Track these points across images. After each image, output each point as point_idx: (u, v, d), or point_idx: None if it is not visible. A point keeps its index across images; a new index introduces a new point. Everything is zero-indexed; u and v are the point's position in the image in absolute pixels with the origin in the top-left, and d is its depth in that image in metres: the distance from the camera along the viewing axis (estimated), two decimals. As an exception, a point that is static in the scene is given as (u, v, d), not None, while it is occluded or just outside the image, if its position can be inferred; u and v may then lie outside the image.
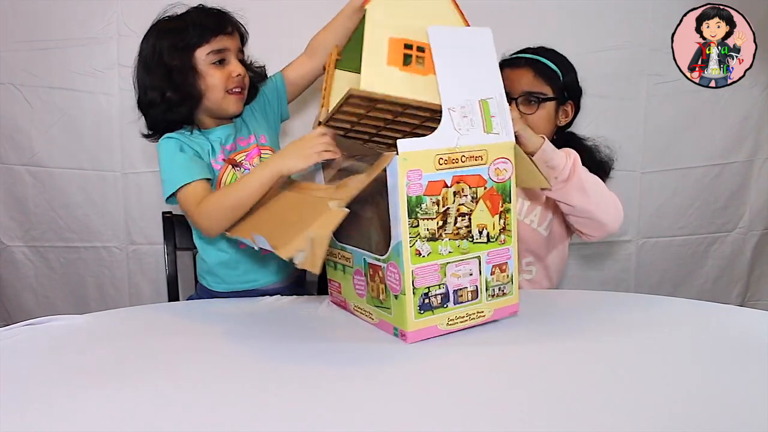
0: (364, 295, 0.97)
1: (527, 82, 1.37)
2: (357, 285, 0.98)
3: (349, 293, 1.02)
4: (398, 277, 0.87)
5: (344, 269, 1.01)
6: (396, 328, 0.90)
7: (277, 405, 0.70)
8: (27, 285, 1.75)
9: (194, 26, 1.16)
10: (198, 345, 0.89)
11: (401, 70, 0.88)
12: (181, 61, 1.15)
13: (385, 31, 0.89)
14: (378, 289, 0.93)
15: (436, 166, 0.86)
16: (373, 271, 0.93)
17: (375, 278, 0.93)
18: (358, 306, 1.00)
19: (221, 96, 1.18)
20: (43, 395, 0.71)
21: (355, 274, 0.98)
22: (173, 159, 1.16)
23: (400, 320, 0.89)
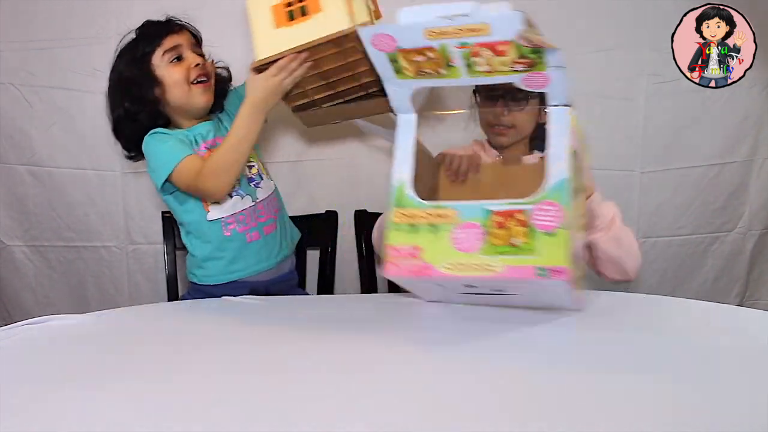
0: (477, 248, 0.91)
1: None
2: (461, 240, 0.92)
3: (437, 254, 0.93)
4: (557, 214, 0.87)
5: (435, 229, 0.94)
6: (543, 269, 0.87)
7: (277, 405, 0.70)
8: (27, 284, 1.75)
9: (143, 36, 1.25)
10: (198, 345, 0.89)
11: (288, 27, 0.98)
12: (138, 71, 1.22)
13: (265, 2, 1.00)
14: (509, 235, 0.89)
15: None
16: (504, 217, 0.89)
17: (507, 225, 0.89)
18: (460, 263, 0.92)
19: (186, 90, 1.23)
20: (42, 395, 0.71)
21: (459, 228, 0.92)
22: (159, 148, 1.22)
23: (555, 258, 0.86)
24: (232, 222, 1.28)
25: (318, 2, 0.97)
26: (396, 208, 0.97)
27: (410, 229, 0.96)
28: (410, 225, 0.96)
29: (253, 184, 1.32)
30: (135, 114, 1.24)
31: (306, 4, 0.98)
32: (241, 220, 1.29)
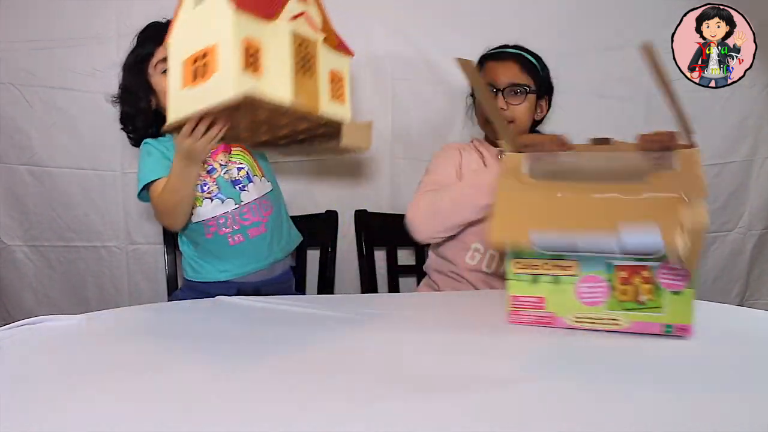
0: (602, 303, 0.91)
1: (513, 74, 1.42)
2: (585, 293, 0.92)
3: (562, 306, 0.94)
4: (683, 273, 0.87)
5: (556, 280, 0.93)
6: (670, 326, 0.90)
7: (277, 405, 0.70)
8: (27, 284, 1.75)
9: (140, 43, 1.30)
10: (198, 344, 0.89)
11: (193, 87, 0.87)
12: (134, 78, 1.30)
13: (179, 56, 0.90)
14: (636, 292, 0.90)
15: None
16: (629, 272, 0.89)
17: (632, 281, 0.89)
18: (587, 317, 0.93)
19: None
20: (40, 395, 0.71)
21: (583, 282, 0.92)
22: (141, 162, 1.31)
23: (681, 316, 0.89)
24: (213, 225, 1.30)
25: (215, 60, 0.84)
26: (514, 258, 0.95)
27: (532, 279, 0.95)
28: (532, 276, 0.95)
29: (238, 187, 1.33)
30: (132, 118, 1.32)
31: (206, 62, 0.85)
32: (221, 223, 1.30)
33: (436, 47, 1.72)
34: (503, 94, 1.40)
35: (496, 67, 1.43)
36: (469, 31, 1.61)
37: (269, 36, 0.86)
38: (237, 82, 0.81)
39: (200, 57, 0.86)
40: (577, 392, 0.71)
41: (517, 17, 1.69)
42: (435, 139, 1.73)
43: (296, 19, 0.88)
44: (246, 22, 0.83)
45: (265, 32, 0.85)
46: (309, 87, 0.90)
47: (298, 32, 0.88)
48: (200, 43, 0.86)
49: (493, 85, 1.41)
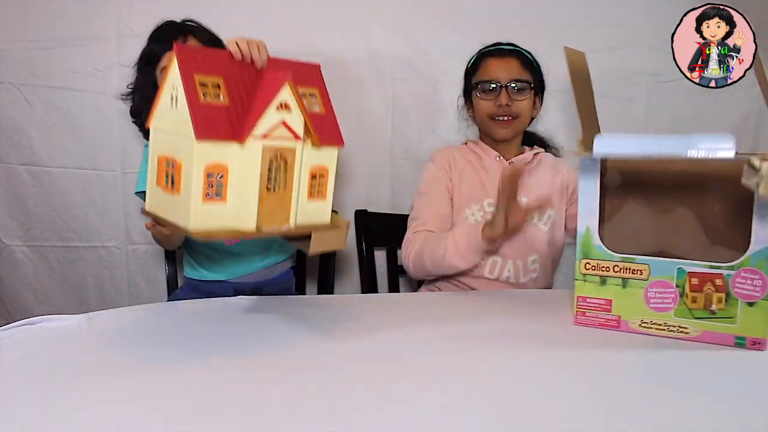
0: (671, 308, 0.90)
1: (515, 70, 1.42)
2: (653, 298, 0.91)
3: (629, 309, 0.93)
4: (760, 284, 0.84)
5: (624, 283, 0.93)
6: (742, 338, 0.87)
7: (277, 404, 0.70)
8: (27, 284, 1.75)
9: (151, 45, 1.32)
10: (197, 345, 0.89)
11: (163, 190, 0.87)
12: (145, 76, 1.32)
13: (156, 146, 0.89)
14: (707, 300, 0.88)
15: None
16: (701, 280, 0.88)
17: (703, 288, 0.88)
18: (653, 322, 0.92)
19: None
20: (39, 394, 0.71)
21: (652, 286, 0.91)
22: (142, 166, 1.34)
23: (756, 329, 0.86)
24: None
25: (180, 178, 0.83)
26: (584, 258, 0.94)
27: (600, 281, 0.95)
28: (600, 277, 0.95)
29: None
30: (140, 114, 1.35)
31: (174, 173, 0.84)
32: None
33: (436, 47, 1.72)
34: (507, 89, 1.40)
35: (498, 63, 1.42)
36: (469, 32, 1.61)
37: (237, 157, 0.84)
38: (195, 217, 0.81)
39: (171, 162, 0.85)
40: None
41: (517, 17, 1.69)
42: (435, 139, 1.73)
43: (271, 134, 0.85)
44: (210, 148, 0.81)
45: (232, 153, 0.83)
46: (279, 202, 0.88)
47: (271, 146, 0.85)
48: (171, 147, 0.85)
49: (495, 81, 1.40)
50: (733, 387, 0.75)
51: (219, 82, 0.85)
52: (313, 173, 0.94)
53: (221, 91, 0.85)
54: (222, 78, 0.86)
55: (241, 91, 0.87)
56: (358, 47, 1.70)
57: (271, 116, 0.85)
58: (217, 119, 0.82)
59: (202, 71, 0.84)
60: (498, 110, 1.41)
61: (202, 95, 0.82)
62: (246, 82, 0.89)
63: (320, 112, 0.96)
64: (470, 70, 1.49)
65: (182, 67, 0.82)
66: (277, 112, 0.85)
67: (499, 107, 1.40)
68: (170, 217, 0.86)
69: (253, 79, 0.90)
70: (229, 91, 0.86)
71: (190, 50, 0.87)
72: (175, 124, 0.84)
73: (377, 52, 1.71)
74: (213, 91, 0.84)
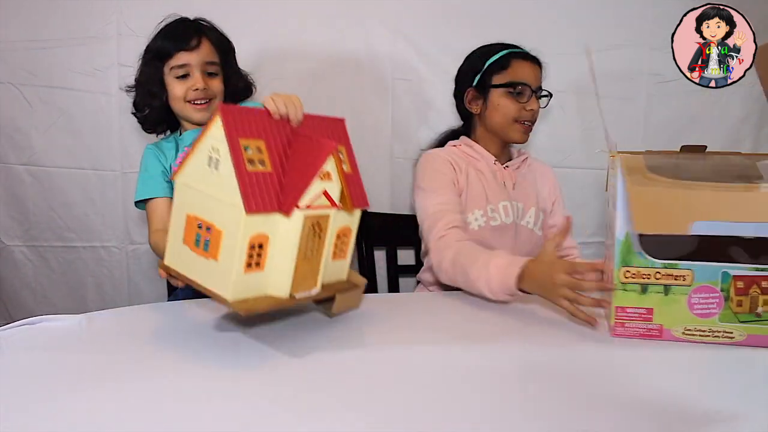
0: (716, 314, 0.88)
1: (540, 77, 1.42)
2: (697, 304, 0.89)
3: (672, 317, 0.90)
4: None
5: (666, 290, 0.90)
6: None
7: (278, 404, 0.70)
8: (26, 284, 1.75)
9: (162, 40, 1.29)
10: (198, 345, 0.89)
11: (192, 251, 0.85)
12: (152, 71, 1.29)
13: (187, 204, 0.87)
14: (752, 303, 0.86)
15: None
16: (746, 283, 0.86)
17: (749, 291, 0.86)
18: (698, 329, 0.89)
19: (183, 106, 1.30)
20: (39, 394, 0.71)
21: (696, 292, 0.89)
22: (141, 174, 1.32)
23: None
24: None
25: (219, 246, 0.81)
26: (623, 267, 0.90)
27: (641, 289, 0.91)
28: (641, 285, 0.91)
29: None
30: (142, 109, 1.33)
31: (211, 238, 0.82)
32: None
33: (436, 47, 1.72)
34: (536, 94, 1.40)
35: (529, 68, 1.41)
36: (469, 32, 1.61)
37: (279, 228, 0.83)
38: (235, 288, 0.81)
39: (205, 226, 0.83)
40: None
41: (517, 17, 1.69)
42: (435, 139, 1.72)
43: (313, 203, 0.85)
44: (258, 220, 0.81)
45: (275, 225, 0.83)
46: (311, 267, 0.88)
47: (312, 215, 0.85)
48: (207, 211, 0.83)
49: (528, 85, 1.39)
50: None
51: (261, 146, 0.84)
52: (338, 234, 0.95)
53: (264, 156, 0.83)
54: (263, 141, 0.85)
55: (280, 152, 0.86)
56: (358, 47, 1.70)
57: (315, 187, 0.84)
58: (264, 190, 0.81)
59: (246, 134, 0.83)
60: (525, 114, 1.39)
61: (248, 163, 0.81)
62: (283, 141, 0.88)
63: (348, 172, 0.96)
64: (494, 67, 1.42)
65: (229, 132, 0.80)
66: (319, 182, 0.85)
67: (528, 112, 1.39)
68: (201, 280, 0.84)
69: (288, 138, 0.89)
70: (270, 155, 0.84)
71: (234, 111, 0.83)
72: (214, 189, 0.82)
73: (377, 52, 1.71)
74: (257, 157, 0.82)
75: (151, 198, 1.28)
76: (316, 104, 1.74)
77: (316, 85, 1.70)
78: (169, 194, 1.28)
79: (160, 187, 1.29)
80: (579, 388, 0.74)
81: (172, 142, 1.35)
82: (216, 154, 0.81)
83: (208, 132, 0.83)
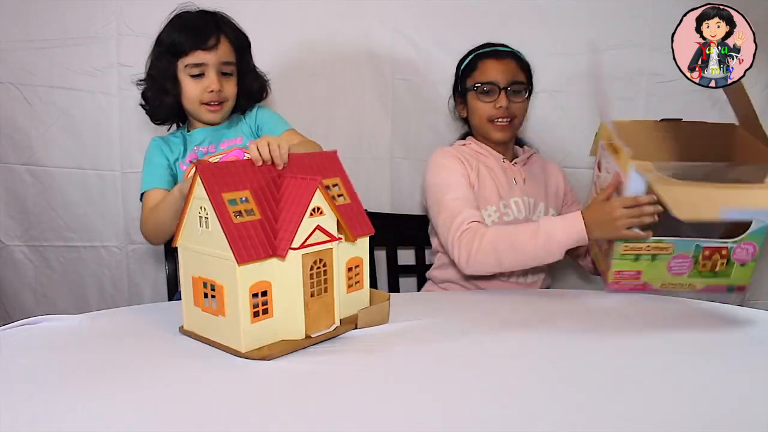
0: (686, 273, 1.17)
1: (514, 72, 1.42)
2: (674, 266, 1.17)
3: (655, 276, 1.18)
4: (753, 251, 1.15)
5: (653, 258, 1.16)
6: (732, 287, 1.19)
7: (278, 404, 0.70)
8: (26, 284, 1.75)
9: (179, 34, 1.25)
10: (198, 345, 0.89)
11: (203, 311, 0.88)
12: (166, 66, 1.25)
13: (191, 267, 0.89)
14: (712, 264, 1.16)
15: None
16: (711, 252, 1.15)
17: (712, 257, 1.15)
18: (671, 283, 1.19)
19: (197, 107, 1.28)
20: (39, 395, 0.71)
21: (675, 258, 1.16)
22: (145, 167, 1.30)
23: (742, 279, 1.18)
24: None
25: (223, 301, 0.84)
26: (623, 243, 1.15)
27: (634, 258, 1.17)
28: (635, 255, 1.16)
29: None
30: (154, 103, 1.30)
31: (216, 295, 0.85)
32: None
33: (436, 47, 1.71)
34: (506, 92, 1.40)
35: (497, 65, 1.42)
36: (469, 31, 1.61)
37: (278, 270, 0.85)
38: (245, 339, 0.83)
39: (209, 284, 0.85)
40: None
41: (517, 17, 1.69)
42: (435, 139, 1.72)
43: (307, 241, 0.85)
44: (253, 269, 0.82)
45: (273, 268, 0.84)
46: (324, 304, 0.89)
47: (310, 253, 0.86)
48: (207, 269, 0.85)
49: (495, 83, 1.40)
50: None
51: (247, 196, 0.85)
52: (350, 266, 0.95)
53: (251, 205, 0.84)
54: (249, 190, 0.85)
55: (268, 197, 0.87)
56: (358, 47, 1.70)
57: (306, 224, 0.84)
58: (254, 238, 0.82)
59: (230, 187, 0.84)
60: (497, 112, 1.41)
61: (233, 215, 0.82)
62: (270, 186, 0.88)
63: (346, 202, 0.97)
64: (466, 70, 1.48)
65: (209, 188, 0.81)
66: (310, 218, 0.85)
67: (498, 110, 1.40)
68: (216, 337, 0.87)
69: (275, 180, 0.90)
70: (257, 202, 0.85)
71: (213, 168, 0.84)
72: (208, 247, 0.84)
73: (377, 52, 1.71)
74: (244, 207, 0.83)
75: (151, 189, 1.27)
76: (316, 105, 1.75)
77: (316, 85, 1.70)
78: (169, 187, 1.26)
79: (162, 179, 1.27)
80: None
81: (180, 137, 1.33)
82: (204, 213, 0.84)
83: (193, 193, 0.85)
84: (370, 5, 1.69)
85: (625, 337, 0.94)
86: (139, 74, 1.29)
